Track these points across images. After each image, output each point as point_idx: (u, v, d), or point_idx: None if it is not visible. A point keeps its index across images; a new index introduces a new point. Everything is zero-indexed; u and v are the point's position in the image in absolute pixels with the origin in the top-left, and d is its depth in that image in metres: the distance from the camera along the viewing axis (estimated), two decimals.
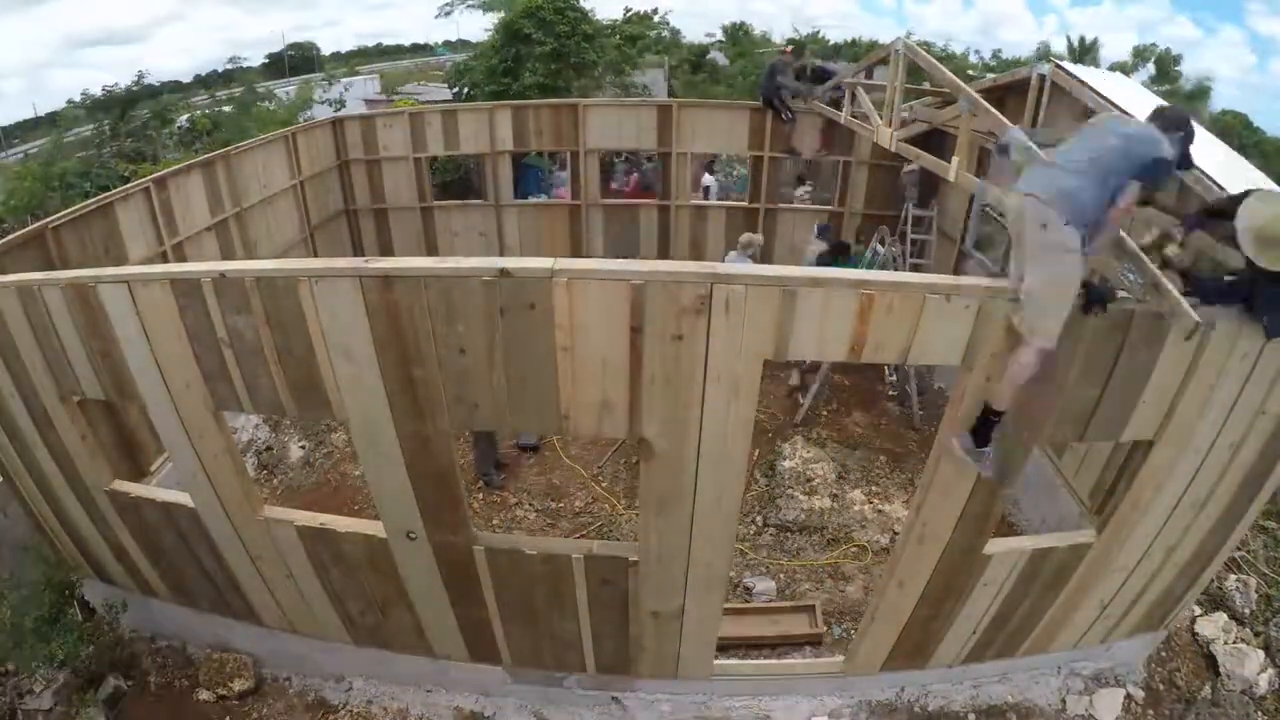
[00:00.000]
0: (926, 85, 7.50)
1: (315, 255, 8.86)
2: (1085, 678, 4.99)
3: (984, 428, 3.28)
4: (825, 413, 7.85)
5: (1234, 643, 5.17)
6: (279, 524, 4.12)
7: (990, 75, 12.91)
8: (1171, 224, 3.40)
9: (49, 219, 5.54)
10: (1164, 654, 5.24)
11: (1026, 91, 6.44)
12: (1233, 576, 5.53)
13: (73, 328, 3.59)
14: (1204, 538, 4.18)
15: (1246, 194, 3.09)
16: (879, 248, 7.87)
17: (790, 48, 9.91)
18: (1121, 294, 3.09)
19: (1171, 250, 3.34)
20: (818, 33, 34.81)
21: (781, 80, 8.73)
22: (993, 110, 4.50)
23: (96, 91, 14.85)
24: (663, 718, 4.70)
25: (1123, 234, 3.15)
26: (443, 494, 3.72)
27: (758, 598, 5.57)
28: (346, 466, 7.09)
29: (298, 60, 44.30)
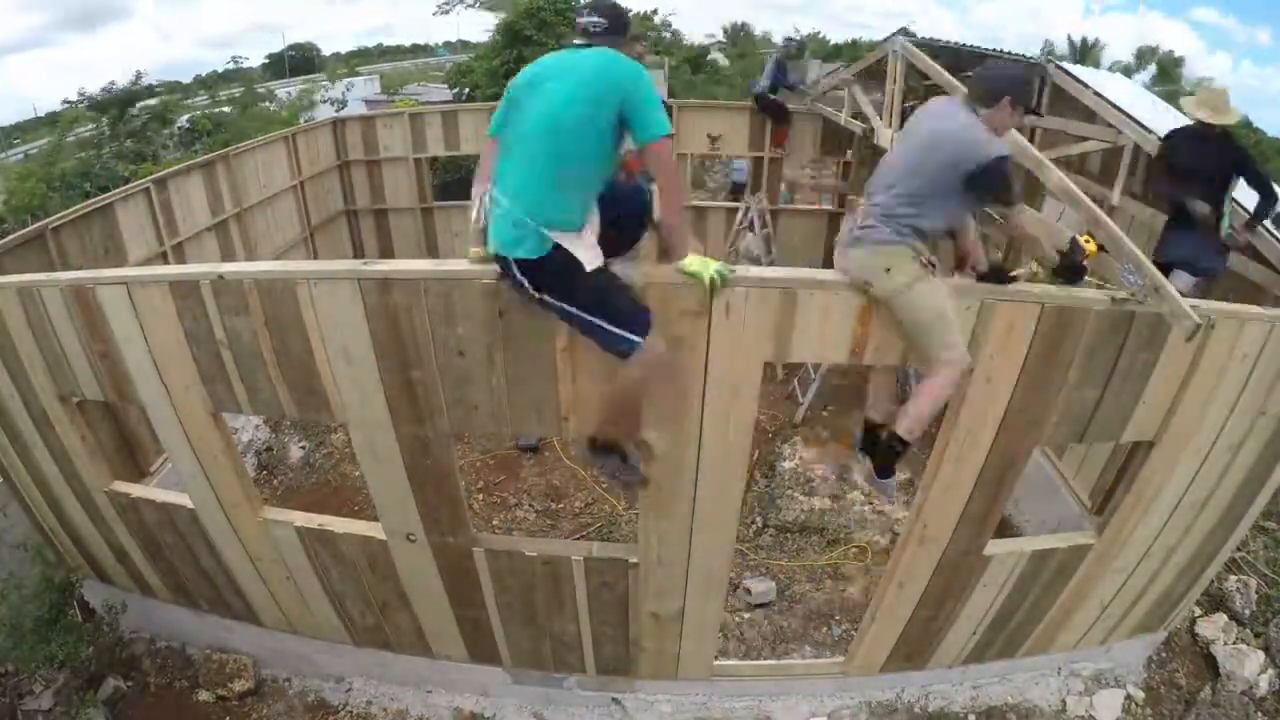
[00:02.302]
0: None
1: (315, 256, 8.87)
2: (1085, 678, 4.99)
3: (889, 454, 3.20)
4: (825, 413, 7.85)
5: (1234, 643, 5.17)
6: (278, 525, 4.12)
7: None
8: None
9: (49, 219, 5.54)
10: (1164, 655, 5.24)
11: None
12: (1233, 577, 5.52)
13: (72, 329, 3.59)
14: (1204, 539, 4.18)
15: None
16: None
17: (639, 41, 10.03)
18: (1122, 296, 3.09)
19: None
20: (818, 33, 34.85)
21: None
22: None
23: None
24: (663, 718, 4.70)
25: (1121, 235, 3.14)
26: (442, 495, 3.72)
27: (757, 599, 5.57)
28: (346, 467, 7.09)
29: (298, 61, 44.38)
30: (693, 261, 2.69)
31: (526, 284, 2.57)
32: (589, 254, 2.51)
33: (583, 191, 2.51)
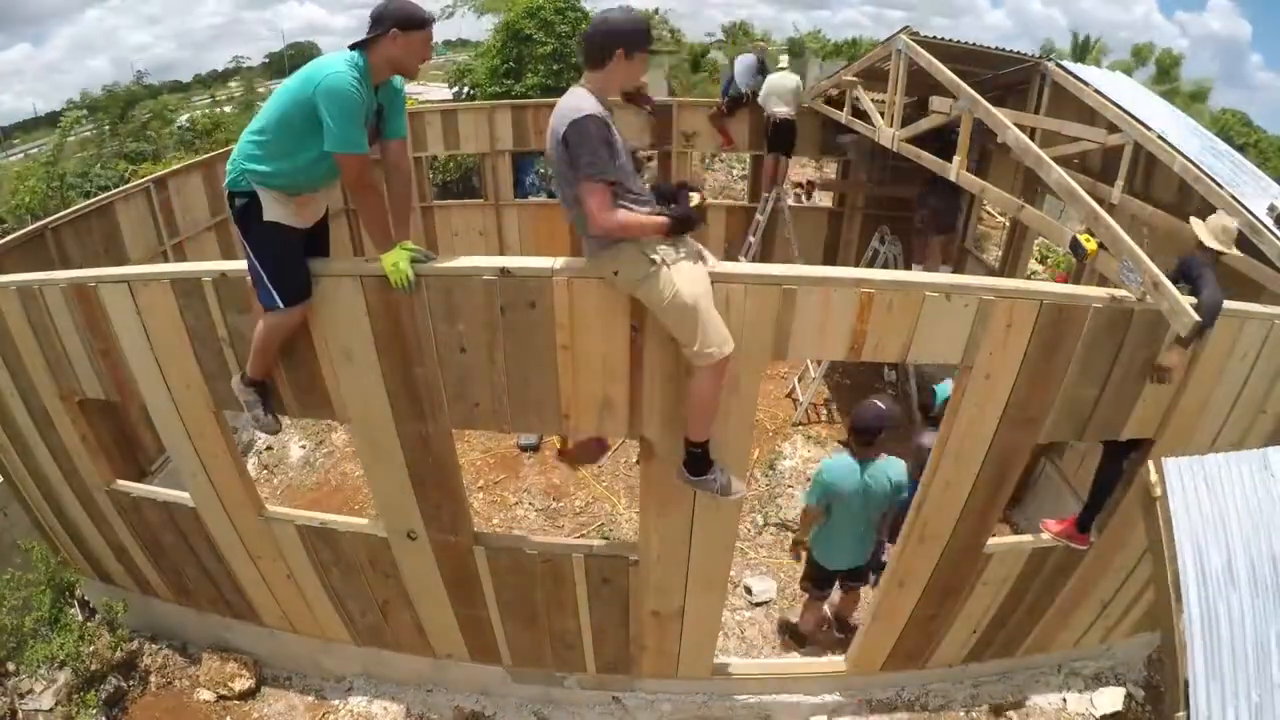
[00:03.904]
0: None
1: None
2: (1086, 677, 4.99)
3: (694, 459, 3.14)
4: (825, 412, 7.86)
5: None
6: (279, 523, 4.12)
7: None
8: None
9: (49, 219, 5.55)
10: (1161, 655, 5.23)
11: (1026, 91, 6.46)
12: None
13: (73, 327, 3.60)
14: None
15: None
16: (878, 246, 7.87)
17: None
18: (1123, 294, 3.09)
19: None
20: (818, 31, 34.88)
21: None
22: (994, 110, 4.50)
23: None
24: (663, 717, 4.70)
25: (1121, 232, 3.15)
26: (443, 493, 3.73)
27: (758, 598, 5.57)
28: (346, 466, 7.10)
29: (298, 60, 44.41)
30: (387, 258, 2.93)
31: (233, 216, 2.99)
32: (274, 209, 2.89)
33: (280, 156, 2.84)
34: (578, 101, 2.62)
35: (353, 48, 2.74)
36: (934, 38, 6.12)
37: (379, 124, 2.90)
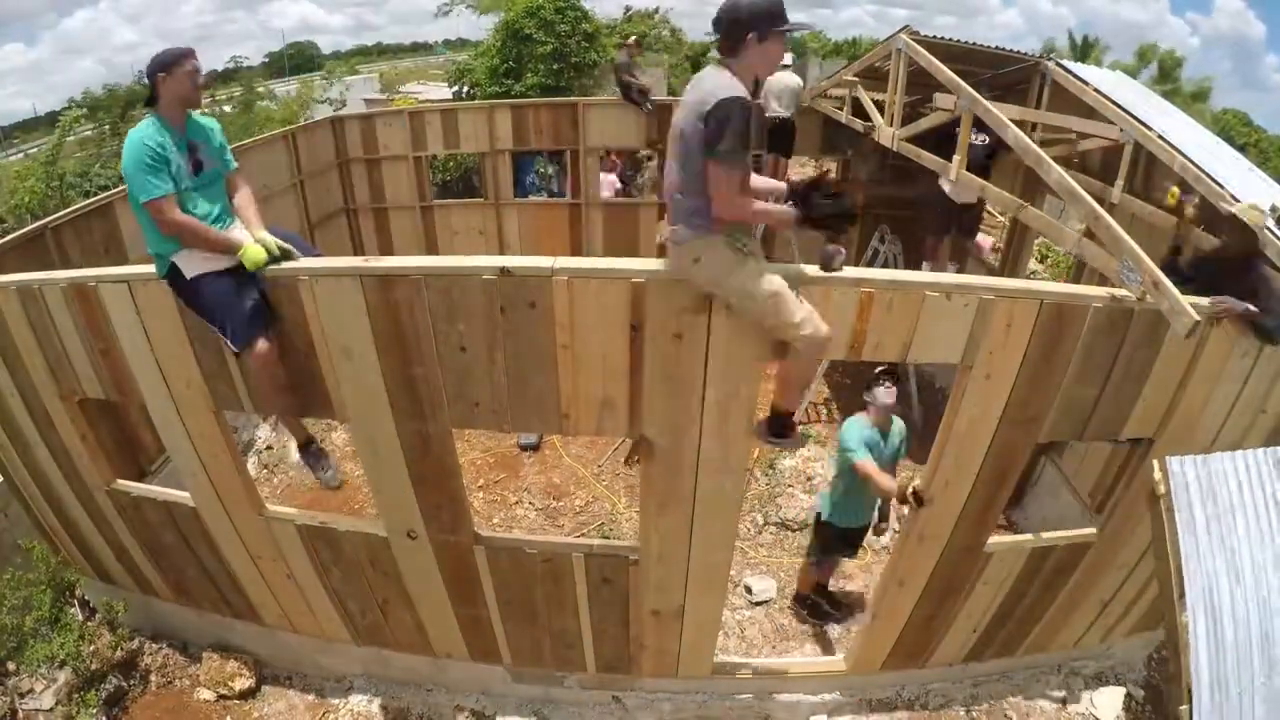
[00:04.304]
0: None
1: None
2: (1086, 676, 4.99)
3: (778, 424, 3.23)
4: (825, 411, 7.86)
5: None
6: (280, 522, 4.12)
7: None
8: None
9: (49, 219, 5.54)
10: (1164, 653, 5.23)
11: (1027, 90, 6.45)
12: None
13: (73, 327, 3.60)
14: None
15: None
16: (878, 246, 7.87)
17: (633, 39, 10.02)
18: (1123, 293, 3.09)
19: None
20: (819, 31, 34.85)
21: (627, 77, 8.95)
22: (994, 110, 4.49)
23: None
24: (663, 717, 4.70)
25: (1120, 231, 3.14)
26: (443, 492, 3.72)
27: (758, 597, 5.57)
28: (347, 466, 7.07)
29: (298, 60, 44.44)
30: (247, 252, 3.11)
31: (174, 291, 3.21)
32: (189, 264, 3.09)
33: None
34: (729, 81, 2.50)
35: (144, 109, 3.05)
36: (934, 37, 6.11)
37: (202, 160, 3.13)
